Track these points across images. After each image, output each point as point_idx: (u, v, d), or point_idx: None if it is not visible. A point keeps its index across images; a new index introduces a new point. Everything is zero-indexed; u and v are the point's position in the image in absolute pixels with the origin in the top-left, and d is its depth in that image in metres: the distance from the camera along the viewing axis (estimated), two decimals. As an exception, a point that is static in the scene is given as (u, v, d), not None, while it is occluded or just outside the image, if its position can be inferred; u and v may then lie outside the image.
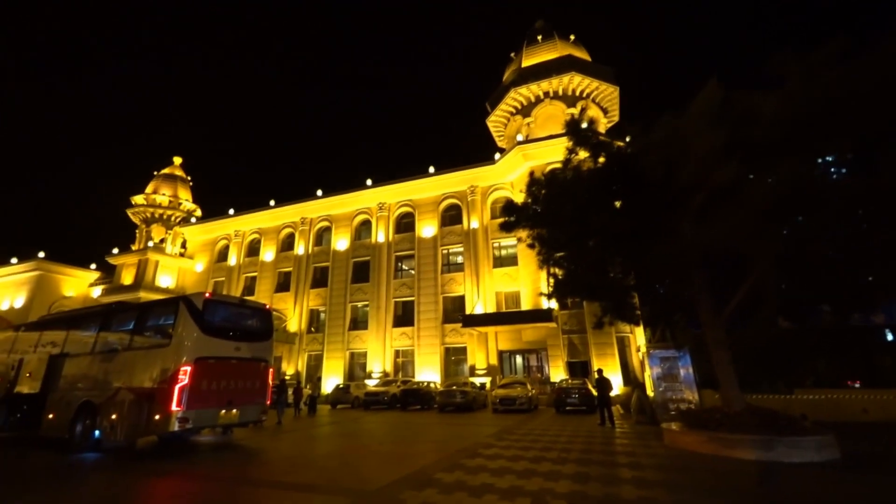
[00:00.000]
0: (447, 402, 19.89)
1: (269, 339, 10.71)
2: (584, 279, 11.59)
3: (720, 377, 9.95)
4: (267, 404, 10.31)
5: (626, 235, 9.41)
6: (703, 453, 8.48)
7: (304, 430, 13.41)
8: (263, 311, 10.99)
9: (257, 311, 10.85)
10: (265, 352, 10.48)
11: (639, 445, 9.59)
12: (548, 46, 34.50)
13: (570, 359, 25.87)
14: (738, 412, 9.15)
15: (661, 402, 13.38)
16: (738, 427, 8.65)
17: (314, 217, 37.48)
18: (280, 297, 36.25)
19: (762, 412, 9.04)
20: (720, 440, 8.47)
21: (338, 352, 32.43)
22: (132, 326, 9.88)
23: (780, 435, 8.14)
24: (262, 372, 10.22)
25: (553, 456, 8.23)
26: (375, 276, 32.96)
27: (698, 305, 10.40)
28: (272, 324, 11.03)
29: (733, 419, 8.93)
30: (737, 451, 8.18)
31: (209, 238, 41.83)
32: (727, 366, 9.89)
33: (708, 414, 9.58)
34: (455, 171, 32.58)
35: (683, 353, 13.59)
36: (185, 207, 46.14)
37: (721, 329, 10.06)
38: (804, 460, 7.70)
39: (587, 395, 18.93)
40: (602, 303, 13.68)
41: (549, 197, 10.46)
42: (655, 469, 7.25)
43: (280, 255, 38.05)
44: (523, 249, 29.46)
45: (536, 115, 32.83)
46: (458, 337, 29.15)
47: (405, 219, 34.51)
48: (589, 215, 9.03)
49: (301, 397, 19.17)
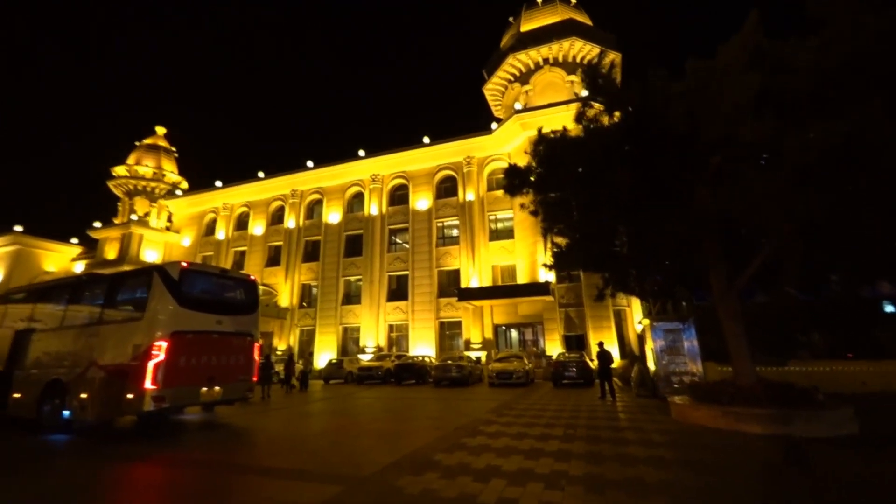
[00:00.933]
0: (443, 376, 19.50)
1: (254, 313, 9.98)
2: (591, 249, 10.88)
3: (732, 349, 9.46)
4: (254, 381, 9.67)
5: (640, 200, 8.68)
6: (716, 428, 8.04)
7: (294, 407, 12.89)
8: (248, 282, 10.22)
9: (241, 283, 10.08)
10: (251, 326, 9.77)
11: (646, 420, 9.13)
12: (548, 10, 32.84)
13: (567, 332, 25.56)
14: (751, 385, 8.71)
15: (664, 375, 12.97)
16: (751, 401, 8.21)
17: (305, 189, 36.29)
18: (270, 271, 35.44)
19: (775, 385, 8.61)
20: (734, 414, 8.02)
21: (330, 327, 31.92)
22: (103, 299, 9.07)
23: (796, 409, 7.72)
24: (248, 347, 9.53)
25: (559, 433, 7.72)
26: (368, 249, 32.16)
27: (711, 275, 9.80)
28: (258, 296, 10.29)
29: (746, 393, 8.49)
30: (751, 425, 7.74)
31: (196, 211, 40.53)
32: (740, 338, 9.39)
33: (719, 387, 9.12)
34: (451, 142, 31.44)
35: (688, 326, 13.12)
36: (170, 179, 44.43)
37: (734, 300, 9.52)
38: (822, 435, 7.26)
39: (585, 368, 18.63)
40: (605, 274, 13.10)
41: (557, 157, 9.62)
42: (671, 447, 6.74)
43: (270, 228, 37.00)
44: (520, 222, 28.80)
45: (535, 83, 31.50)
46: (453, 311, 28.70)
47: (399, 191, 33.48)
48: (602, 177, 8.21)
49: (293, 373, 18.65)
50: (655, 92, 7.24)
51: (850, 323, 17.19)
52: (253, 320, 9.93)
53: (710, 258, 9.68)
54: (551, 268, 13.30)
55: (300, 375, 18.82)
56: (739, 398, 8.45)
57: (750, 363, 9.25)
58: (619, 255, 10.82)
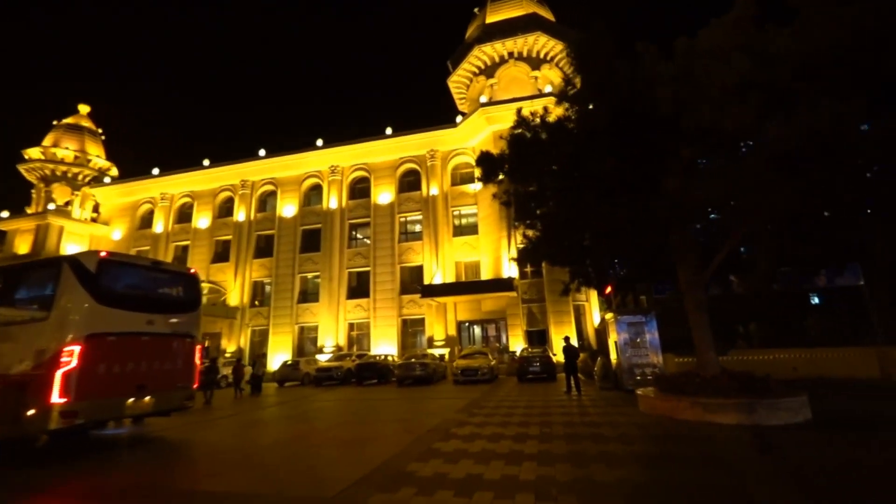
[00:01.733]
0: (406, 375, 18.76)
1: (195, 310, 8.81)
2: (562, 240, 10.52)
3: (697, 340, 9.44)
4: (194, 388, 8.52)
5: (617, 188, 8.35)
6: (685, 420, 7.97)
7: (244, 414, 11.73)
8: (187, 276, 9.02)
9: (179, 277, 8.88)
10: (190, 325, 8.60)
11: (617, 414, 8.90)
12: (513, 3, 32.60)
13: (529, 328, 25.54)
14: (716, 376, 8.71)
15: (627, 367, 12.95)
16: (718, 391, 8.20)
17: (257, 180, 34.16)
18: (218, 267, 33.13)
19: (739, 375, 8.66)
20: (702, 405, 7.95)
21: (285, 326, 30.24)
22: (-3, 296, 7.60)
23: (759, 398, 7.73)
24: (187, 350, 8.38)
25: (536, 432, 7.25)
26: (327, 244, 30.72)
27: (679, 267, 9.70)
28: (200, 292, 9.12)
29: (712, 383, 8.47)
30: (719, 415, 7.71)
31: (129, 201, 37.13)
32: (705, 329, 9.37)
33: (685, 378, 9.04)
34: (414, 134, 30.57)
35: (650, 318, 13.17)
36: (97, 165, 40.10)
37: (701, 291, 9.47)
38: (783, 422, 7.34)
39: (548, 363, 18.54)
40: (572, 268, 12.86)
41: (536, 143, 9.10)
42: (650, 441, 6.47)
43: (217, 221, 34.53)
44: (484, 218, 28.44)
45: (500, 77, 31.21)
46: (416, 308, 27.96)
47: (360, 184, 32.22)
48: (585, 163, 7.79)
49: (242, 376, 17.22)
50: (644, 71, 6.87)
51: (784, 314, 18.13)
52: (193, 319, 8.76)
53: (677, 250, 9.57)
54: (519, 261, 12.92)
55: (251, 379, 17.42)
56: (706, 389, 8.40)
57: (714, 354, 9.28)
58: (589, 247, 10.51)
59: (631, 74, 6.99)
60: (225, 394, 17.67)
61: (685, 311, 15.11)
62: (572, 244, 10.29)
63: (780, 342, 16.27)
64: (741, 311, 18.10)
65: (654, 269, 11.94)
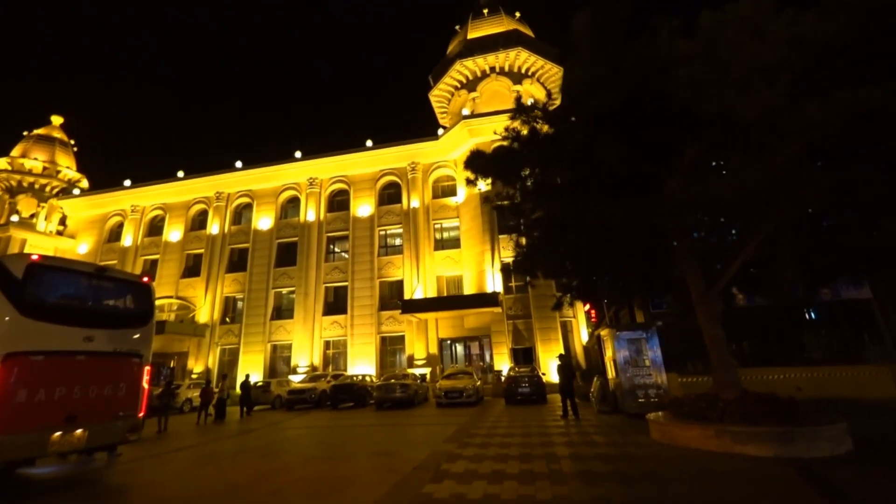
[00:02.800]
0: (385, 397, 17.53)
1: (146, 325, 7.61)
2: (559, 246, 9.73)
3: (714, 358, 8.68)
4: (140, 416, 7.27)
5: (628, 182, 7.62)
6: (711, 451, 7.03)
7: (202, 446, 10.35)
8: (138, 285, 7.83)
9: (128, 286, 7.69)
10: (139, 343, 7.39)
11: (629, 444, 7.98)
12: (494, 20, 32.79)
13: (515, 345, 24.62)
14: (740, 399, 7.88)
15: (629, 388, 12.14)
16: (746, 417, 7.34)
17: (232, 192, 32.72)
18: (189, 282, 31.29)
19: (766, 398, 7.81)
20: (730, 434, 7.06)
21: (257, 345, 28.51)
22: None
23: (795, 425, 6.91)
24: (133, 371, 7.16)
25: (543, 469, 6.28)
26: (304, 258, 29.37)
27: (687, 276, 9.02)
28: (152, 303, 7.91)
29: (737, 408, 7.62)
30: (751, 446, 6.81)
31: (98, 214, 35.07)
32: (722, 345, 8.64)
33: (705, 402, 8.21)
34: (395, 146, 29.89)
35: (651, 334, 12.46)
36: (66, 176, 38.09)
37: (715, 302, 8.78)
38: (826, 454, 6.49)
39: (538, 383, 17.65)
40: (564, 280, 12.12)
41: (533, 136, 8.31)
42: (683, 481, 5.55)
43: (189, 234, 32.81)
44: (466, 231, 27.75)
45: (482, 91, 31.04)
46: (396, 325, 26.77)
47: (339, 196, 31.18)
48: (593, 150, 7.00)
49: (209, 399, 15.70)
50: (661, 49, 6.23)
51: (781, 330, 17.68)
52: (144, 336, 7.54)
53: (685, 257, 8.92)
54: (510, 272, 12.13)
55: (217, 402, 15.91)
56: (731, 414, 7.57)
57: (735, 372, 8.51)
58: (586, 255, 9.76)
59: (646, 52, 6.34)
60: (187, 419, 16.08)
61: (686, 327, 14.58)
62: (569, 251, 9.50)
63: (776, 360, 15.71)
64: (731, 328, 17.57)
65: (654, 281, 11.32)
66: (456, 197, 28.70)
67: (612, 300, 12.69)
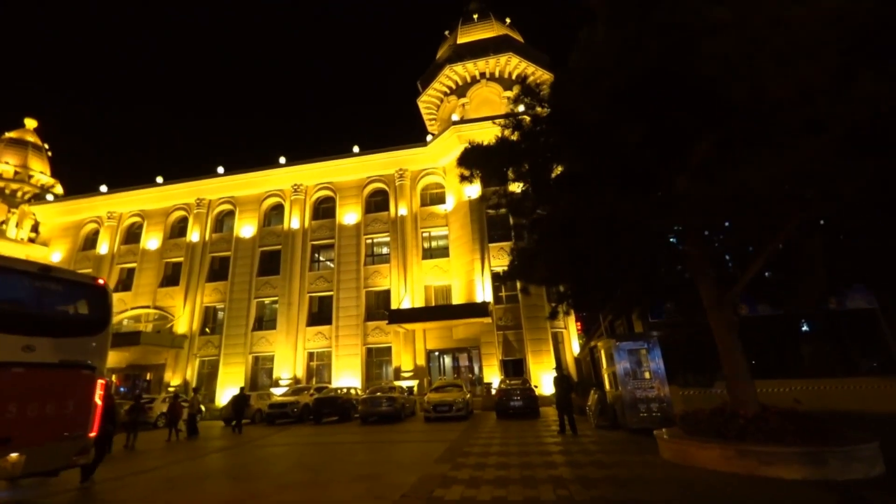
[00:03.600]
0: (371, 411, 16.69)
1: (101, 333, 6.80)
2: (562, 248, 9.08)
3: (728, 369, 8.11)
4: (91, 437, 6.43)
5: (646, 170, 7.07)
6: (734, 473, 6.34)
7: (169, 467, 9.43)
8: (92, 287, 7.03)
9: (80, 288, 6.89)
10: (92, 353, 6.58)
11: (639, 465, 7.30)
12: (484, 26, 32.73)
13: (505, 357, 23.95)
14: (760, 415, 7.23)
15: (630, 402, 11.54)
16: (770, 436, 6.65)
17: (214, 199, 31.72)
18: (167, 292, 30.07)
19: (788, 414, 7.17)
20: (755, 455, 6.37)
21: (238, 356, 27.35)
22: None
23: (825, 445, 6.26)
24: (83, 386, 6.34)
25: (550, 496, 5.60)
26: (287, 267, 28.44)
27: (699, 281, 8.51)
28: (109, 308, 7.11)
29: (759, 425, 6.93)
30: (779, 468, 6.14)
31: (72, 220, 33.66)
32: (739, 355, 8.03)
33: (721, 418, 7.55)
34: (382, 152, 29.35)
35: (653, 345, 11.94)
36: (39, 181, 36.71)
37: (730, 309, 8.25)
38: (861, 476, 5.90)
39: (531, 396, 17.01)
40: (559, 288, 11.55)
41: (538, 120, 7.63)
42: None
43: (168, 242, 31.64)
44: (456, 239, 27.15)
45: (472, 97, 30.78)
46: (383, 336, 25.92)
47: (324, 203, 30.43)
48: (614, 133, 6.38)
49: (178, 415, 14.66)
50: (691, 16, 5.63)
51: (776, 341, 17.28)
52: (98, 345, 6.74)
53: (697, 260, 8.42)
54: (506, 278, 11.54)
55: (188, 418, 14.85)
56: (753, 432, 6.89)
57: (753, 386, 7.90)
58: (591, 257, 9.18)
59: (671, 19, 5.77)
60: (160, 435, 14.98)
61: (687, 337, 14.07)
62: (571, 254, 8.88)
63: (772, 372, 15.24)
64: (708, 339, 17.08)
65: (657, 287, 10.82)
66: (445, 205, 28.20)
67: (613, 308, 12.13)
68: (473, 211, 25.98)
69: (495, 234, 25.40)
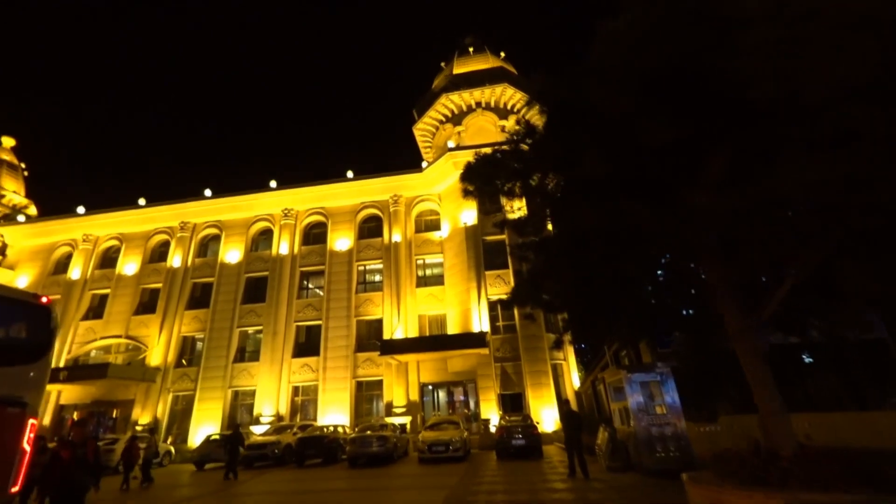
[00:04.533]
0: (361, 452, 15.14)
1: (38, 361, 5.61)
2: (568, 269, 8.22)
3: (761, 403, 7.12)
4: (12, 493, 5.12)
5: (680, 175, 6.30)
6: None
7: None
8: (33, 306, 5.86)
9: (17, 307, 5.72)
10: (24, 386, 5.36)
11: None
12: (479, 58, 33.18)
13: (503, 391, 22.54)
14: (801, 454, 6.32)
15: (645, 440, 10.41)
16: (820, 482, 5.72)
17: (199, 222, 30.51)
18: (142, 320, 28.25)
19: (829, 453, 6.29)
20: None
21: (216, 391, 25.43)
22: None
23: (883, 490, 5.36)
24: (7, 427, 5.10)
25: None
26: (274, 294, 27.04)
27: (722, 304, 7.64)
28: (51, 332, 5.92)
29: (805, 467, 6.00)
30: None
31: (44, 243, 31.97)
32: (772, 387, 7.11)
33: (758, 459, 6.55)
34: (377, 178, 28.74)
35: (667, 376, 10.94)
36: (12, 201, 35.03)
37: (756, 334, 7.38)
38: None
39: (533, 434, 15.70)
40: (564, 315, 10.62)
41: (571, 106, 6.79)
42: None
43: (147, 267, 30.06)
44: (451, 267, 26.19)
45: (468, 125, 30.70)
46: (374, 368, 24.41)
47: (315, 229, 29.43)
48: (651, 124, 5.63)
49: (135, 459, 12.92)
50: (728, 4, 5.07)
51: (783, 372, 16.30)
52: (37, 375, 5.53)
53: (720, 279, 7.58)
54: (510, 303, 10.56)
55: (142, 462, 12.99)
56: (797, 476, 5.95)
57: (789, 421, 6.94)
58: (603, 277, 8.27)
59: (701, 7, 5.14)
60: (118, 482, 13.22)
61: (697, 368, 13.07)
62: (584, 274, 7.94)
63: None
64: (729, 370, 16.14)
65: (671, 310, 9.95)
66: (440, 231, 27.44)
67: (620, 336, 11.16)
68: (469, 238, 25.22)
69: (492, 261, 24.56)
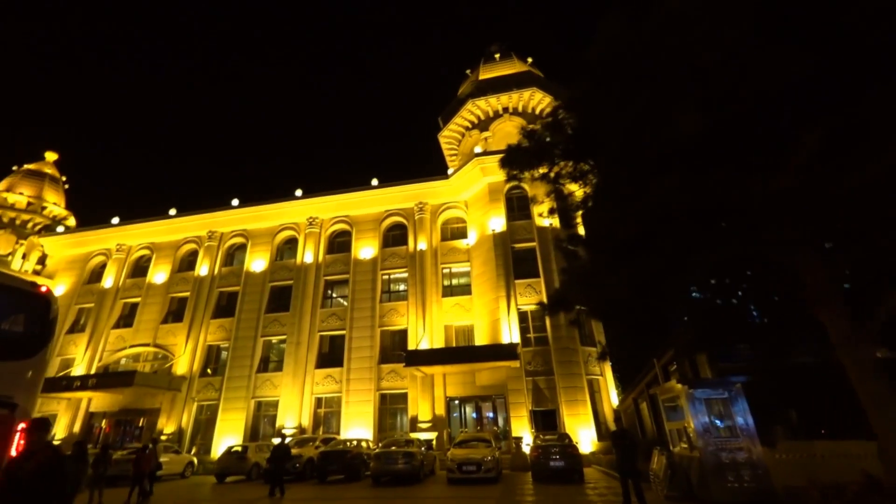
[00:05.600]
0: (385, 469, 14.20)
1: (33, 356, 4.96)
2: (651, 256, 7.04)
3: (879, 427, 5.92)
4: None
5: None
6: None
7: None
8: (32, 295, 5.26)
9: (15, 296, 5.13)
10: (21, 384, 4.72)
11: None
12: (506, 64, 32.60)
13: (536, 407, 21.17)
14: None
15: (714, 467, 9.08)
16: None
17: (226, 231, 30.66)
18: (169, 328, 28.33)
19: None
20: None
21: (239, 401, 24.99)
22: None
23: None
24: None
25: None
26: (298, 303, 26.65)
27: (822, 312, 6.46)
28: (50, 324, 5.31)
29: None
30: None
31: (80, 253, 32.75)
32: (889, 406, 5.88)
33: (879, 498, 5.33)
34: (402, 185, 28.27)
35: (737, 393, 9.62)
36: (52, 213, 36.22)
37: (869, 346, 6.16)
38: None
39: (573, 454, 14.41)
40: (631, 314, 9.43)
41: None
42: None
43: (176, 276, 30.31)
44: (478, 276, 25.16)
45: (495, 131, 30.02)
46: (398, 380, 23.51)
47: (340, 237, 29.08)
48: None
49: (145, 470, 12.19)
50: None
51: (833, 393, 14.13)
52: (33, 373, 4.89)
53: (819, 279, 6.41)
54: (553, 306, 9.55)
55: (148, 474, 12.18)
56: None
57: None
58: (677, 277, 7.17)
59: None
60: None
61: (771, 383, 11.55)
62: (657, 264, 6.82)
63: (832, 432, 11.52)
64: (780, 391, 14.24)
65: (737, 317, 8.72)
66: (467, 239, 26.59)
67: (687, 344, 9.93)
68: (498, 245, 24.26)
69: (522, 269, 23.49)
